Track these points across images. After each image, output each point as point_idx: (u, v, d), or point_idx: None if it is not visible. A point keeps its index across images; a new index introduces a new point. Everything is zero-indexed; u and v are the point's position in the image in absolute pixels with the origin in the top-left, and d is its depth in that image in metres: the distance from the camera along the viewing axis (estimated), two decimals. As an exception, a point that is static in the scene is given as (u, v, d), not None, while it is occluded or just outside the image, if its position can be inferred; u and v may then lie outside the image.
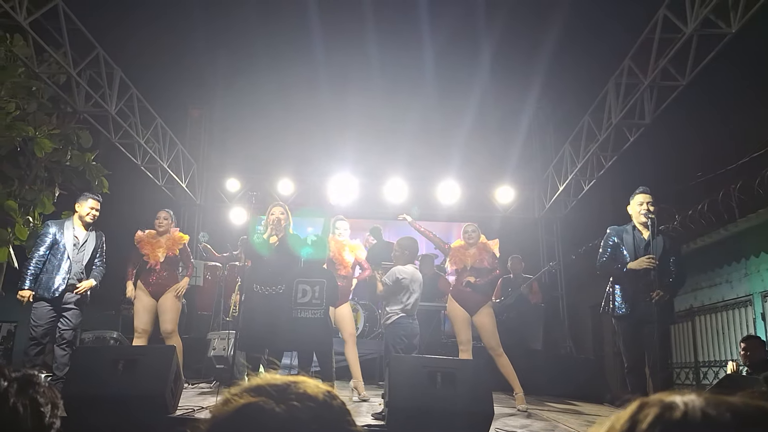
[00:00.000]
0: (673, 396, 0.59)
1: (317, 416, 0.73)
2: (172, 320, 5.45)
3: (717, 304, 9.09)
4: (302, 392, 0.75)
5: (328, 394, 0.78)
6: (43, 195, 6.96)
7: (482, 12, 8.60)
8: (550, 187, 10.64)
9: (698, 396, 0.58)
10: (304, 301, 4.53)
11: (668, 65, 6.41)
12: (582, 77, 9.14)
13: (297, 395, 0.74)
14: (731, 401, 0.57)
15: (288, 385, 0.76)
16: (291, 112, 10.45)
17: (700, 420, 0.55)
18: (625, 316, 4.45)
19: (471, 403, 3.70)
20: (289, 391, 0.75)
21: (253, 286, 4.79)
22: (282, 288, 4.72)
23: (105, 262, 5.63)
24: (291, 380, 0.78)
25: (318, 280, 4.59)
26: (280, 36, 9.34)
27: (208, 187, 11.29)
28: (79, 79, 6.78)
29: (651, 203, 4.46)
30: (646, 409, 0.59)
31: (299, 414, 0.72)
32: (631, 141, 7.68)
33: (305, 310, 4.53)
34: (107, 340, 7.25)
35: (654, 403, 0.59)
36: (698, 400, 0.57)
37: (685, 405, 0.57)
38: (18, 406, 0.98)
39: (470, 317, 5.43)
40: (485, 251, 5.55)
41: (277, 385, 0.76)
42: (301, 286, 4.56)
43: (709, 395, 0.58)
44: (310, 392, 0.76)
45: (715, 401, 0.57)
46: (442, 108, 10.37)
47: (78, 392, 3.67)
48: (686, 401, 0.57)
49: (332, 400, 0.77)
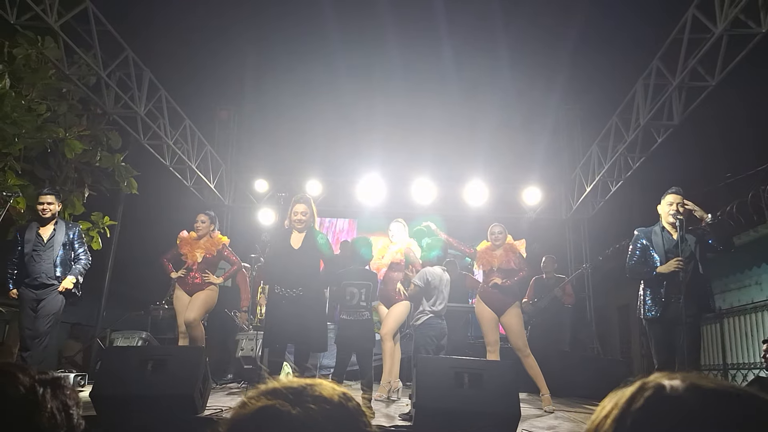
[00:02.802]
0: (664, 378, 0.64)
1: (333, 418, 0.74)
2: (197, 308, 5.46)
3: (746, 306, 8.93)
4: (318, 395, 0.77)
5: (344, 396, 0.79)
6: (73, 196, 7.10)
7: (505, 10, 8.54)
8: (577, 188, 10.53)
9: (684, 379, 0.63)
10: (352, 304, 4.55)
11: (697, 66, 6.30)
12: (610, 77, 9.03)
13: (313, 398, 0.76)
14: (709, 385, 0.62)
15: (304, 387, 0.78)
16: (317, 114, 10.50)
17: (679, 400, 0.61)
18: (656, 319, 4.40)
19: (498, 404, 3.70)
20: (305, 393, 0.76)
21: (275, 287, 4.74)
22: (301, 290, 4.60)
23: (88, 252, 5.63)
24: (307, 383, 0.79)
25: (365, 283, 4.61)
26: (305, 37, 9.41)
27: (236, 188, 11.39)
28: (108, 80, 6.90)
29: (681, 204, 4.40)
30: (643, 390, 0.64)
31: (315, 416, 0.73)
32: (659, 142, 7.57)
33: (353, 312, 4.55)
34: (136, 340, 7.36)
35: (650, 385, 0.64)
36: (679, 382, 0.63)
37: (672, 387, 0.62)
38: (55, 411, 0.99)
39: (498, 318, 5.43)
40: (512, 252, 5.54)
41: (293, 387, 0.77)
42: (349, 288, 4.57)
43: (697, 379, 0.63)
44: (326, 395, 0.77)
45: (694, 385, 0.62)
46: (467, 108, 10.34)
47: (107, 392, 3.74)
48: (670, 384, 0.63)
49: (348, 402, 0.79)
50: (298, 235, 4.84)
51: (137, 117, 7.65)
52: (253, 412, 0.75)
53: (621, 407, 0.64)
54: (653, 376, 0.66)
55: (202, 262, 5.62)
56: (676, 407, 0.60)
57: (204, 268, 5.64)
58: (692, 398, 0.61)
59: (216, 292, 5.76)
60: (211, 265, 5.75)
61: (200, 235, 5.70)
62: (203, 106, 10.68)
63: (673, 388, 0.62)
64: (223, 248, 5.76)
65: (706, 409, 0.60)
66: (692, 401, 0.60)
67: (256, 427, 0.73)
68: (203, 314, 5.67)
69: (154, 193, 8.83)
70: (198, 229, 5.71)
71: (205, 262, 5.65)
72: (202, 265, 5.63)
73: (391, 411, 4.79)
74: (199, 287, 5.58)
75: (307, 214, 4.85)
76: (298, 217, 4.82)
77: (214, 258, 5.72)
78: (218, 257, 5.75)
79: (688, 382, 0.63)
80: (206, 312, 5.74)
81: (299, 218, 4.82)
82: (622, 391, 0.66)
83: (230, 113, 11.50)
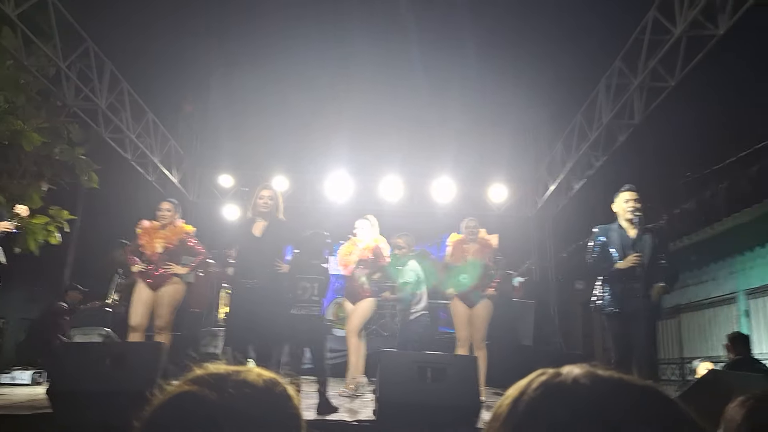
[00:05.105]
0: (564, 368, 0.65)
1: (254, 403, 0.73)
2: (166, 315, 5.16)
3: (703, 302, 9.20)
4: (241, 380, 0.76)
5: (270, 381, 0.78)
6: (32, 189, 6.92)
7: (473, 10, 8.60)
8: (542, 186, 10.70)
9: (581, 368, 0.64)
10: (304, 298, 4.49)
11: (658, 66, 6.46)
12: (575, 77, 9.18)
13: (235, 383, 0.75)
14: (605, 375, 0.64)
15: (229, 374, 0.77)
16: (285, 108, 10.41)
17: (570, 385, 0.62)
18: (614, 314, 4.49)
19: (459, 397, 3.74)
20: (228, 379, 0.75)
21: (238, 277, 4.62)
22: (258, 281, 4.45)
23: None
24: (234, 369, 0.78)
25: (317, 277, 4.56)
26: (274, 31, 9.31)
27: (200, 182, 11.24)
28: (68, 72, 6.73)
29: (637, 200, 4.50)
30: (540, 376, 0.65)
31: (234, 401, 0.72)
32: (621, 141, 7.73)
33: (304, 307, 4.48)
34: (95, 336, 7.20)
35: (547, 372, 0.65)
36: (577, 370, 0.64)
37: (567, 373, 0.64)
38: None
39: (470, 311, 5.52)
40: (486, 246, 5.61)
41: (217, 374, 0.76)
42: (302, 282, 4.52)
43: (590, 368, 0.65)
44: (250, 380, 0.76)
45: (590, 373, 0.63)
46: (436, 106, 10.38)
47: (64, 389, 3.65)
48: (567, 371, 0.64)
49: (274, 387, 0.77)
50: (260, 223, 4.69)
51: (98, 110, 7.48)
52: (171, 398, 0.74)
53: (517, 392, 0.65)
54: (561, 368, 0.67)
55: (164, 253, 5.26)
56: (567, 393, 0.61)
57: (165, 259, 5.26)
58: (587, 383, 0.62)
59: (182, 286, 5.37)
60: (174, 256, 5.35)
61: (163, 224, 5.34)
62: (167, 99, 10.47)
63: (568, 375, 0.63)
64: (187, 238, 5.40)
65: (597, 396, 0.61)
66: (586, 386, 0.61)
67: (173, 412, 0.72)
68: (172, 316, 5.30)
69: (115, 188, 8.66)
70: (162, 218, 5.33)
71: (167, 253, 5.28)
72: (164, 257, 5.25)
73: (355, 406, 4.80)
74: (162, 280, 5.21)
75: (273, 199, 4.71)
76: (263, 201, 4.67)
77: (175, 248, 5.34)
78: (181, 247, 5.38)
79: (584, 370, 0.64)
80: (175, 310, 5.35)
81: (264, 202, 4.66)
82: (525, 378, 0.67)
83: (195, 107, 11.33)
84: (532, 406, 0.62)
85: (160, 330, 5.18)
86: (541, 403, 0.62)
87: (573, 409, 0.60)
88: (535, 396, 0.63)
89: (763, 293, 7.89)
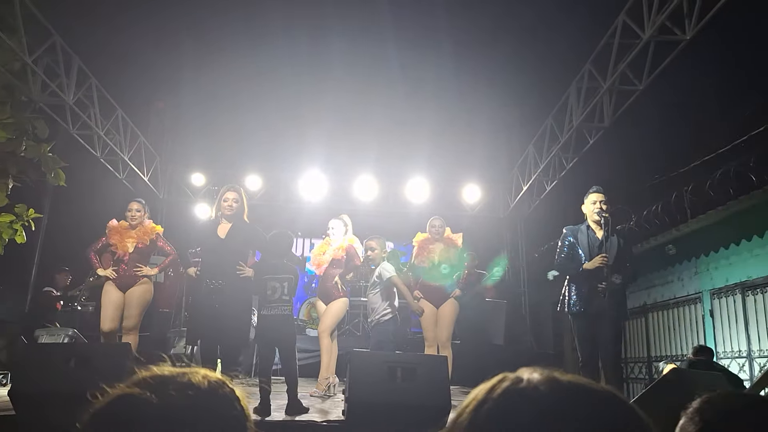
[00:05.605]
0: (526, 372, 0.66)
1: (195, 405, 0.73)
2: (135, 315, 5.18)
3: (669, 301, 9.40)
4: (185, 382, 0.75)
5: (216, 382, 0.77)
6: (-3, 186, 6.75)
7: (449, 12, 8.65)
8: (514, 187, 10.81)
9: (541, 373, 0.65)
10: (274, 298, 4.45)
11: (626, 70, 6.58)
12: (547, 80, 9.29)
13: (178, 385, 0.74)
14: (564, 381, 0.64)
15: (174, 376, 0.76)
16: (259, 106, 10.32)
17: (531, 392, 0.63)
18: (580, 314, 4.57)
19: (429, 396, 3.76)
20: (170, 381, 0.75)
21: (203, 278, 4.58)
22: (221, 282, 4.44)
23: None
24: (180, 371, 0.77)
25: (286, 276, 4.53)
26: (247, 27, 9.23)
27: (171, 181, 11.08)
28: (34, 67, 6.57)
29: (604, 202, 4.58)
30: (503, 381, 0.66)
31: (174, 403, 0.72)
32: (591, 143, 7.86)
33: (275, 307, 4.44)
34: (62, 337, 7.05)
35: (510, 377, 0.66)
36: (538, 376, 0.65)
37: (528, 380, 0.64)
38: None
39: (436, 311, 5.56)
40: (452, 245, 5.66)
41: (161, 376, 0.76)
42: (270, 283, 4.48)
43: (550, 373, 0.65)
44: (194, 381, 0.76)
45: (549, 378, 0.64)
46: (411, 107, 10.41)
47: (27, 390, 3.58)
48: (528, 377, 0.65)
49: (219, 388, 0.77)
50: (225, 224, 4.67)
51: (66, 106, 7.33)
52: (110, 401, 0.73)
53: (479, 398, 0.65)
54: (520, 370, 0.67)
55: (134, 252, 5.30)
56: (529, 398, 0.62)
57: (136, 259, 5.31)
58: (546, 391, 0.62)
59: (151, 286, 5.44)
60: (144, 256, 5.42)
61: (133, 224, 5.37)
62: (137, 96, 10.30)
63: (530, 381, 0.64)
64: (157, 238, 5.45)
65: (559, 401, 0.61)
66: (546, 394, 0.62)
67: (111, 415, 0.72)
68: (141, 317, 5.31)
69: (83, 186, 8.49)
70: (132, 219, 5.36)
71: (137, 252, 5.33)
72: (134, 256, 5.30)
73: (326, 406, 4.79)
74: (132, 281, 5.25)
75: (238, 202, 4.70)
76: (228, 203, 4.66)
77: (146, 248, 5.39)
78: (151, 247, 5.43)
79: (545, 376, 0.64)
80: (144, 311, 5.38)
81: (229, 204, 4.65)
82: (488, 382, 0.68)
83: (166, 104, 11.17)
84: (494, 413, 0.62)
85: (128, 331, 5.18)
86: (502, 411, 0.62)
87: (532, 417, 0.60)
88: (497, 403, 0.63)
89: (727, 293, 8.09)
